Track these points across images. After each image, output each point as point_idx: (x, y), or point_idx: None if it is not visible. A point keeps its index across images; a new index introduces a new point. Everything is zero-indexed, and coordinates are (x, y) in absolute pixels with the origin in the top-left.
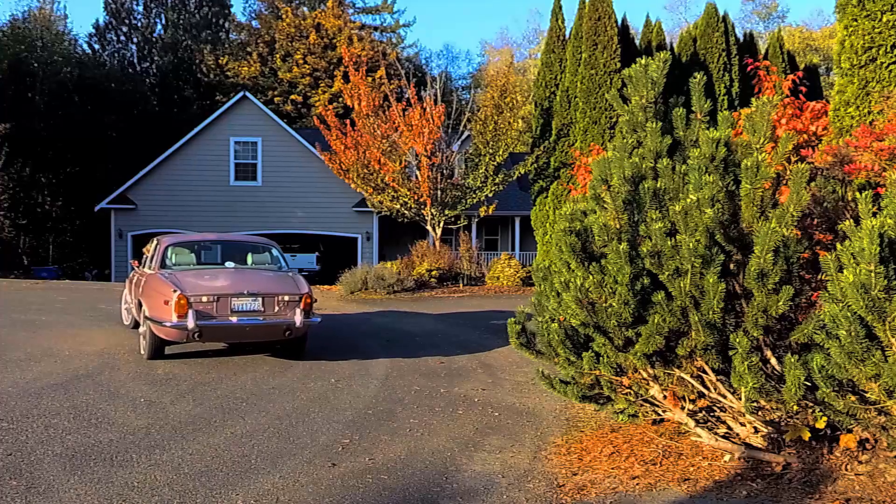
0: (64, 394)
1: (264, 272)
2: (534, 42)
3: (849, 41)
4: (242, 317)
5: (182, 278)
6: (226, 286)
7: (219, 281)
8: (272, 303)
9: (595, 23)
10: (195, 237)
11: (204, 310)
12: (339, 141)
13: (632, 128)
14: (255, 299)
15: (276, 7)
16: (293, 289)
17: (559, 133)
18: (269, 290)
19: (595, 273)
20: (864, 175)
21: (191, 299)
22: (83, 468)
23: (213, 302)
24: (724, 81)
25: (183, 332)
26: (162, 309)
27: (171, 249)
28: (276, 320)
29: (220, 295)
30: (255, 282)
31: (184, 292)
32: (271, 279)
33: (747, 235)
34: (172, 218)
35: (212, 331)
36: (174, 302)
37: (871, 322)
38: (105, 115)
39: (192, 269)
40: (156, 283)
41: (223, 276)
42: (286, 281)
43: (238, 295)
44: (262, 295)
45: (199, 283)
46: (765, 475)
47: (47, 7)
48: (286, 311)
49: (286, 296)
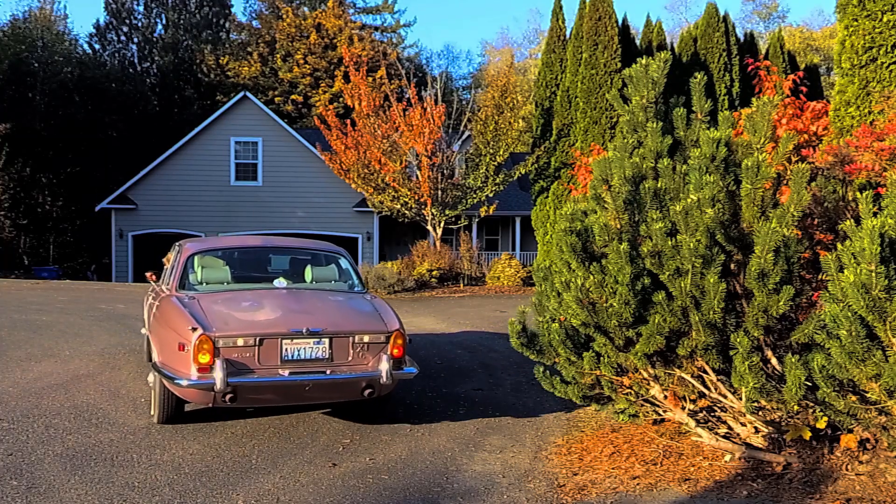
0: (64, 394)
1: (331, 296)
2: (534, 42)
3: (849, 41)
4: (299, 369)
5: (208, 307)
6: (273, 321)
7: (263, 312)
8: (345, 347)
9: (595, 23)
10: (230, 242)
11: (239, 359)
12: (339, 141)
13: (632, 128)
14: (319, 342)
15: (277, 7)
16: (377, 324)
17: (560, 133)
18: (341, 327)
19: (596, 273)
20: (864, 175)
21: (218, 342)
22: (84, 468)
23: (254, 347)
24: (725, 81)
25: (206, 394)
26: (175, 356)
27: (196, 261)
28: (351, 374)
29: (264, 335)
30: (319, 312)
31: (207, 331)
32: (342, 308)
33: (748, 235)
34: (173, 218)
35: (252, 392)
36: (193, 346)
37: (871, 322)
38: (105, 115)
39: (225, 291)
40: (169, 314)
41: (269, 304)
42: (365, 310)
43: (293, 335)
44: (329, 335)
45: (233, 315)
46: (765, 475)
47: (48, 7)
48: (366, 359)
49: (367, 335)
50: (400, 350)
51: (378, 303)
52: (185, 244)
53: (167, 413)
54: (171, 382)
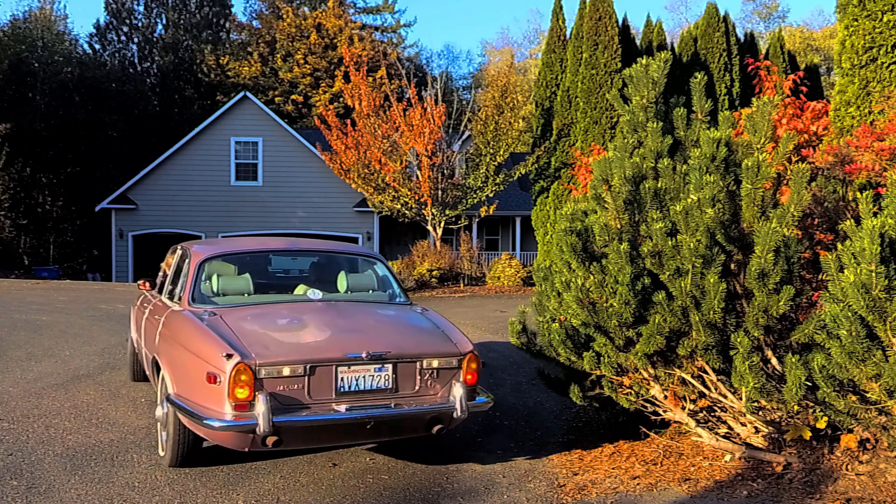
0: (65, 394)
1: (379, 309)
2: (534, 42)
3: (849, 41)
4: (358, 403)
5: (237, 325)
6: (325, 343)
7: (308, 331)
8: (411, 374)
9: (596, 23)
10: (246, 244)
11: (285, 392)
12: (339, 141)
13: (632, 128)
14: (382, 368)
15: (277, 7)
16: (446, 345)
17: (560, 133)
18: (407, 350)
19: (596, 273)
20: (864, 175)
21: (260, 373)
22: (84, 468)
23: (304, 377)
24: (725, 81)
25: (244, 437)
26: (201, 389)
27: (209, 267)
28: (419, 407)
29: (315, 362)
30: (375, 332)
31: (246, 358)
32: (400, 325)
33: (748, 235)
34: (173, 218)
35: (301, 433)
36: (229, 378)
37: (871, 322)
38: (106, 115)
39: (251, 305)
40: (187, 335)
41: (312, 321)
42: (425, 328)
43: (350, 361)
44: (393, 359)
45: (273, 336)
46: (765, 475)
47: (48, 7)
48: (434, 389)
49: (436, 359)
50: (474, 376)
51: (436, 317)
52: (191, 247)
53: (181, 453)
54: (196, 421)
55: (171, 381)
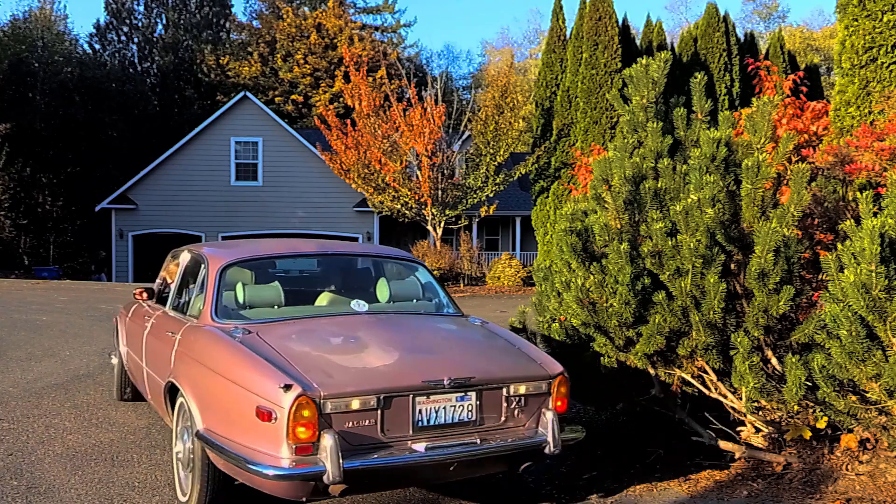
0: (65, 394)
1: (441, 323)
2: (534, 42)
3: (849, 41)
4: (440, 440)
5: (283, 346)
6: (397, 367)
7: (371, 352)
8: (496, 402)
9: (596, 23)
10: (270, 248)
11: (356, 429)
12: (339, 141)
13: (632, 128)
14: (464, 397)
15: (277, 7)
16: (533, 367)
17: (560, 133)
18: (493, 373)
19: (596, 273)
20: (864, 175)
21: (326, 406)
22: (84, 468)
23: (376, 410)
24: (725, 81)
25: (304, 485)
26: (248, 426)
27: (231, 274)
28: (507, 442)
29: (390, 391)
30: (450, 352)
31: (308, 389)
32: (474, 343)
33: (748, 235)
34: (173, 218)
35: (375, 479)
36: (289, 413)
37: (871, 322)
38: (106, 115)
39: (290, 320)
40: (224, 357)
41: (372, 339)
42: (501, 346)
43: (429, 389)
44: (478, 385)
45: (333, 360)
46: (765, 475)
47: (48, 7)
48: (522, 418)
49: (523, 383)
50: (564, 402)
51: (504, 332)
52: (206, 251)
53: (209, 498)
54: (240, 466)
55: (200, 413)
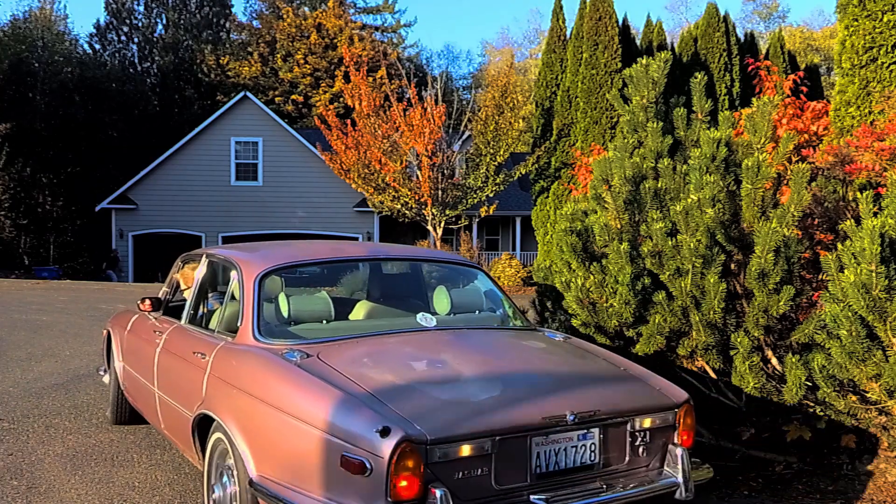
0: (65, 394)
1: (526, 341)
2: (534, 42)
3: (849, 41)
4: (561, 490)
5: (361, 374)
6: (507, 400)
7: (468, 380)
8: (620, 440)
9: (596, 23)
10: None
11: (465, 479)
12: (339, 141)
13: (633, 128)
14: (587, 435)
15: (277, 7)
16: (653, 394)
17: (560, 133)
18: (618, 404)
19: (596, 273)
20: (864, 175)
21: (434, 454)
22: (84, 468)
23: (490, 455)
24: (725, 81)
25: None
26: (329, 479)
27: (271, 284)
28: (634, 489)
29: (505, 431)
30: (562, 379)
31: (412, 433)
32: (573, 364)
33: (748, 235)
34: (173, 218)
35: None
36: (389, 464)
37: (871, 322)
38: (106, 115)
39: (351, 339)
40: (285, 389)
41: (460, 363)
42: (609, 370)
43: (549, 427)
44: (602, 420)
45: (428, 392)
46: (765, 475)
47: (48, 7)
48: (646, 457)
49: (647, 416)
50: (690, 436)
51: (601, 351)
52: (235, 256)
53: None
54: None
55: (253, 457)
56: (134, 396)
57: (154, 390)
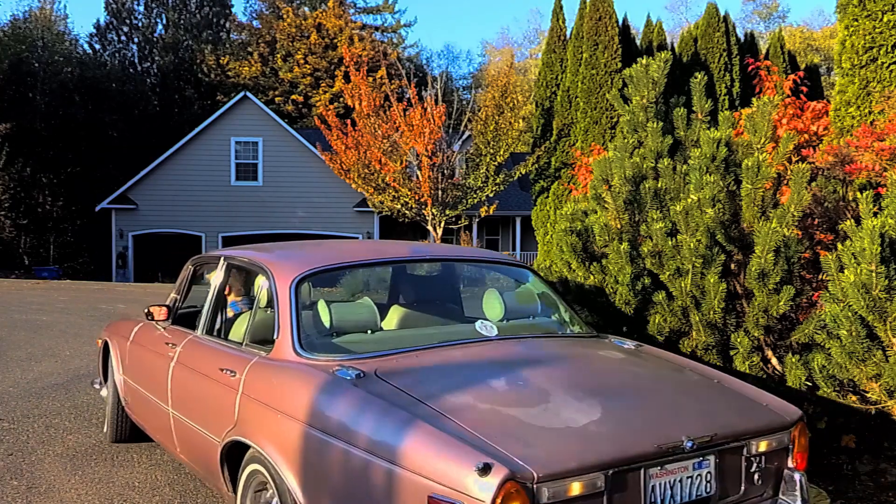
0: (65, 394)
1: (600, 351)
2: (534, 42)
3: (849, 41)
4: None
5: (437, 396)
6: (616, 425)
7: (561, 401)
8: (735, 466)
9: (596, 23)
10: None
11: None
12: (339, 141)
13: (633, 128)
14: (702, 463)
15: (277, 7)
16: (763, 412)
17: (560, 133)
18: (732, 427)
19: (596, 273)
20: (864, 175)
21: (543, 494)
22: (84, 468)
23: (602, 493)
24: (725, 81)
25: None
26: None
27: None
28: None
29: (619, 463)
30: (666, 397)
31: (516, 469)
32: (667, 380)
33: (748, 235)
34: (173, 218)
35: None
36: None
37: (871, 322)
38: (106, 115)
39: (406, 353)
40: (348, 415)
41: (544, 379)
42: (698, 382)
43: (665, 456)
44: (717, 445)
45: (521, 417)
46: None
47: (48, 7)
48: (761, 485)
49: (764, 438)
50: (804, 457)
51: (686, 361)
52: (262, 259)
53: None
54: None
55: (305, 495)
56: (139, 414)
57: (168, 410)
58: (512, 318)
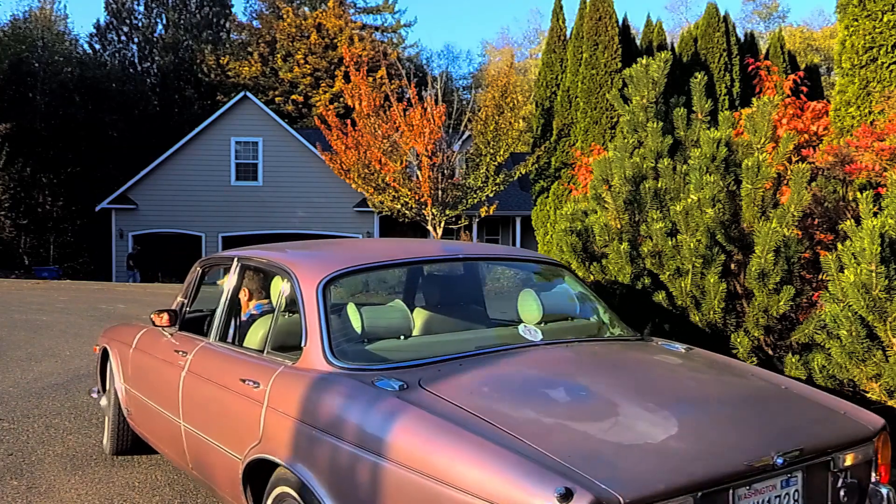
0: (65, 394)
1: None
2: (534, 42)
3: (849, 41)
4: None
5: (498, 412)
6: (697, 440)
7: (632, 414)
8: (821, 483)
9: (596, 23)
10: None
11: None
12: (339, 141)
13: (633, 128)
14: (790, 480)
15: (277, 7)
16: (844, 422)
17: (560, 133)
18: (820, 439)
19: (596, 273)
20: (864, 175)
21: None
22: (84, 468)
23: None
24: (725, 81)
25: None
26: None
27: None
28: None
29: (707, 483)
30: (743, 409)
31: (601, 495)
32: (735, 388)
33: (748, 235)
34: (173, 218)
35: None
36: None
37: (871, 322)
38: (106, 115)
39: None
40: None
41: (606, 389)
42: (766, 389)
43: (754, 473)
44: (804, 461)
45: (593, 434)
46: None
47: (48, 7)
48: (847, 501)
49: (850, 450)
50: (888, 470)
51: (751, 368)
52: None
53: None
54: None
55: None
56: (144, 426)
57: (179, 423)
58: (550, 320)
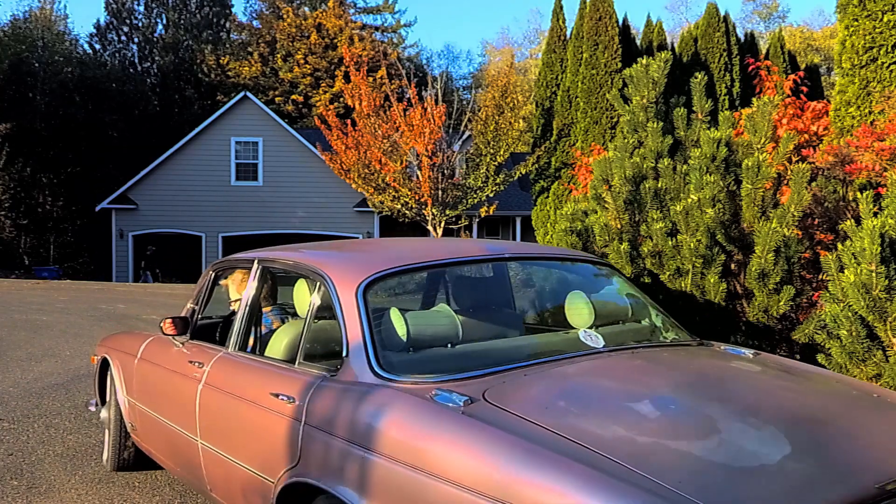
0: (65, 394)
1: (725, 362)
2: (535, 42)
3: (850, 41)
4: None
5: (574, 427)
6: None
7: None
8: None
9: (596, 23)
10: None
11: None
12: (339, 141)
13: (633, 128)
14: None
15: (277, 7)
16: None
17: (560, 133)
18: None
19: None
20: (864, 175)
21: None
22: (84, 468)
23: None
24: (725, 81)
25: None
26: None
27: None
28: None
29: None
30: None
31: None
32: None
33: (748, 235)
34: (173, 218)
35: None
36: None
37: (872, 322)
38: (106, 115)
39: (510, 371)
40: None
41: (692, 400)
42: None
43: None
44: None
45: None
46: None
47: (48, 7)
48: None
49: None
50: None
51: (835, 375)
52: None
53: None
54: None
55: None
56: (151, 443)
57: (195, 441)
58: (601, 325)
